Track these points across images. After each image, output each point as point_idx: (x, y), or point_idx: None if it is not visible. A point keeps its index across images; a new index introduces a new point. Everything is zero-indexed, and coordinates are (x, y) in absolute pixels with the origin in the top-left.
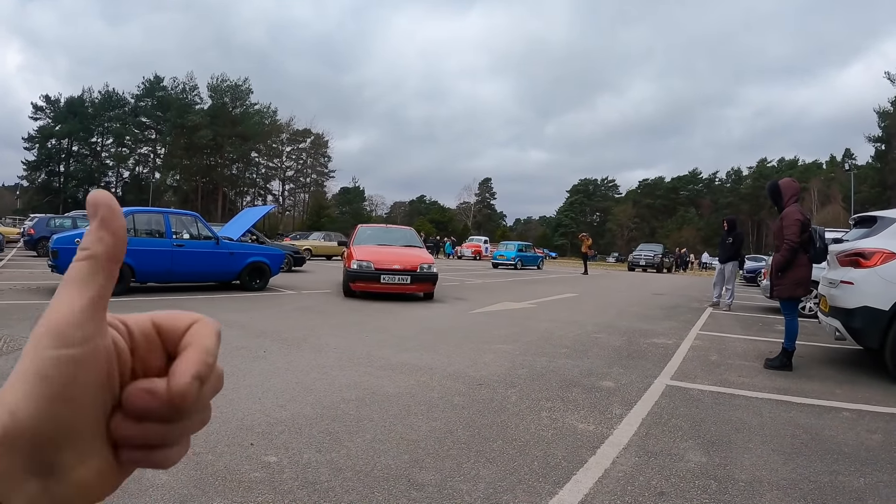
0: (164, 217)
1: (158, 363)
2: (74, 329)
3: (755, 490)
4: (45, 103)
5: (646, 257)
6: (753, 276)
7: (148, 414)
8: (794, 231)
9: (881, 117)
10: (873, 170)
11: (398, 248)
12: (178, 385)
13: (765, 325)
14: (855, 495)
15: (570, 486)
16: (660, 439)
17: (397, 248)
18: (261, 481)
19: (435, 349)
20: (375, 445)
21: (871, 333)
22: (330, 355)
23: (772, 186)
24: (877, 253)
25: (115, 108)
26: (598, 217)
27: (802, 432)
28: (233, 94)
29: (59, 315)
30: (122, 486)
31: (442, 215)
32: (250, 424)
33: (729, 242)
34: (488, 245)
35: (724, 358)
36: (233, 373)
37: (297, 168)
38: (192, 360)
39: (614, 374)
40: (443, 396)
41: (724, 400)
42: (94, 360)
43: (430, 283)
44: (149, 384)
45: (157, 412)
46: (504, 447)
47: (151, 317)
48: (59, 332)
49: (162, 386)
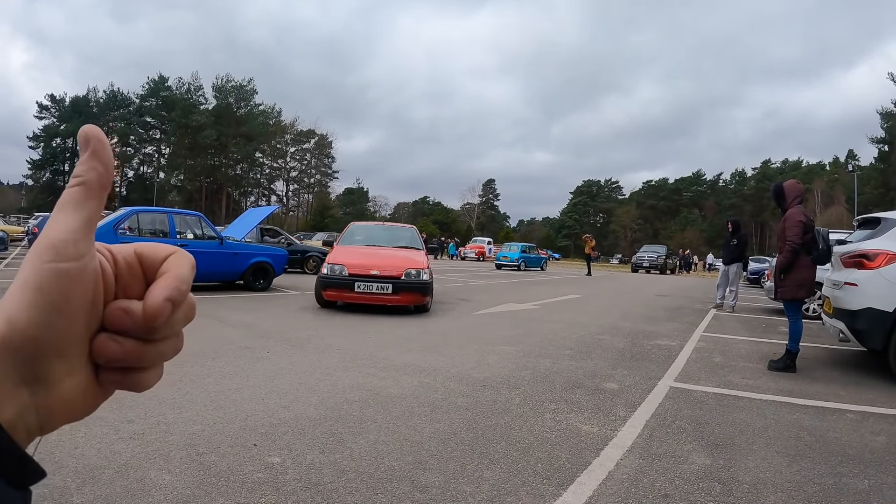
0: (168, 217)
1: (138, 288)
2: (70, 245)
3: (759, 492)
4: (51, 102)
5: (649, 259)
6: (756, 277)
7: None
8: (797, 232)
9: (884, 118)
10: (876, 171)
11: (388, 250)
12: (152, 305)
13: (768, 327)
14: (859, 497)
15: (573, 489)
16: (664, 441)
17: (387, 250)
18: (264, 482)
19: (438, 350)
20: (379, 447)
21: (875, 335)
22: (333, 356)
23: (776, 188)
24: (881, 254)
25: (119, 108)
26: (601, 218)
27: (806, 434)
28: (237, 94)
29: (57, 232)
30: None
31: (445, 216)
32: (253, 425)
33: (733, 244)
34: (492, 246)
35: (728, 360)
36: (236, 373)
37: (301, 168)
38: (166, 285)
39: (618, 376)
40: (446, 398)
41: (728, 402)
42: (85, 277)
43: (419, 294)
44: (126, 304)
45: (132, 329)
46: (508, 449)
47: (134, 247)
48: (56, 247)
49: (138, 306)
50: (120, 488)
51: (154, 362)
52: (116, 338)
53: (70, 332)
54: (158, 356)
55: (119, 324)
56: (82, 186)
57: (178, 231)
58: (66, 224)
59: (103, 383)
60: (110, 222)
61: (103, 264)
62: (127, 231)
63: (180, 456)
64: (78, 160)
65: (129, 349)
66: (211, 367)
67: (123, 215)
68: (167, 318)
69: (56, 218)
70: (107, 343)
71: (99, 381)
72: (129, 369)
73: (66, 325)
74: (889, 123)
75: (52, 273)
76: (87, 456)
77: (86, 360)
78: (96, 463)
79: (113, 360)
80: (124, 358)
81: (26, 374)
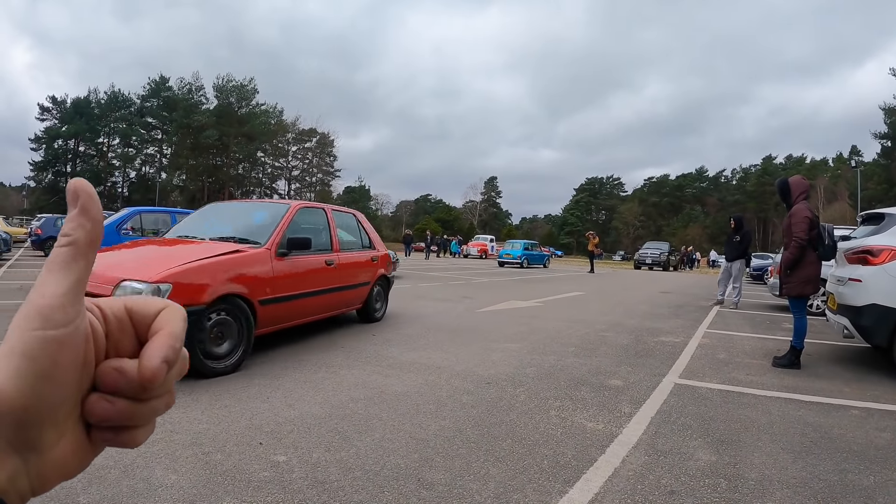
0: (171, 217)
1: (130, 345)
2: (58, 312)
3: (765, 489)
4: (52, 104)
5: (652, 255)
6: (760, 273)
7: (118, 391)
8: (803, 228)
9: (887, 114)
10: (879, 167)
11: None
12: (149, 367)
13: (772, 324)
14: (864, 494)
15: (580, 485)
16: (669, 438)
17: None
18: (270, 481)
19: (442, 348)
20: (384, 444)
21: (880, 331)
22: (338, 354)
23: (781, 183)
24: (885, 250)
25: (121, 109)
26: (604, 215)
27: (811, 431)
28: (238, 93)
29: (45, 298)
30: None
31: (448, 214)
32: (259, 424)
33: (736, 241)
34: (494, 244)
35: (733, 356)
36: (241, 373)
37: (303, 167)
38: (161, 345)
39: (622, 373)
40: (451, 395)
41: (733, 398)
42: (75, 342)
43: None
44: (119, 363)
45: (126, 390)
46: (513, 446)
47: (124, 301)
48: (44, 314)
49: (132, 366)
50: (126, 488)
51: (146, 420)
52: (109, 398)
53: (60, 397)
54: (151, 413)
55: (113, 385)
56: (71, 247)
57: None
58: (55, 288)
59: (95, 441)
60: (113, 223)
61: (93, 323)
62: (130, 231)
63: (186, 455)
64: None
65: (121, 409)
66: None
67: (126, 215)
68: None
69: (44, 281)
70: (99, 403)
71: (90, 439)
72: (121, 427)
73: (56, 391)
74: (892, 119)
75: (40, 341)
76: None
77: (77, 420)
78: (102, 463)
79: (105, 420)
80: (117, 418)
81: (16, 441)
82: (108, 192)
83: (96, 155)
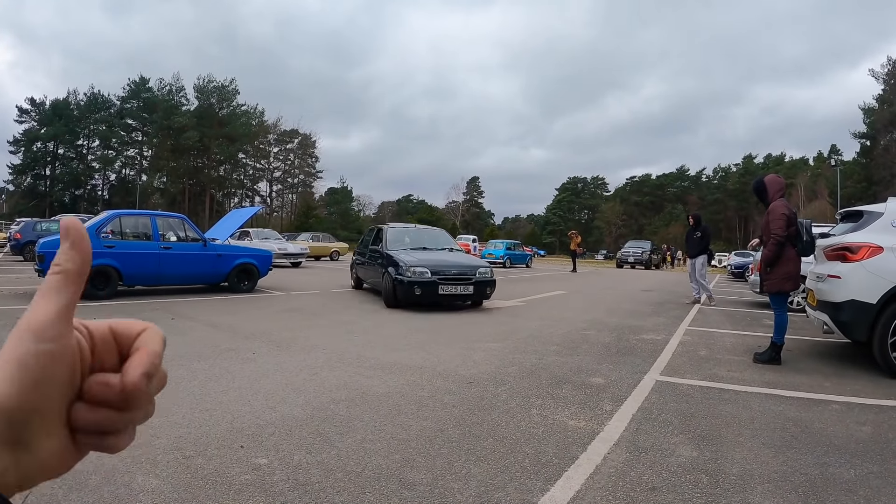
0: (151, 220)
1: (113, 362)
2: (50, 329)
3: (746, 484)
4: (31, 106)
5: (634, 254)
6: (741, 271)
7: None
8: (780, 225)
9: (866, 113)
10: (859, 165)
11: None
12: (131, 380)
13: (753, 320)
14: (846, 487)
15: (561, 483)
16: (650, 435)
17: None
18: (251, 484)
19: (424, 348)
20: (366, 445)
21: (859, 326)
22: (319, 356)
23: (757, 183)
24: (863, 247)
25: (100, 111)
26: (586, 214)
27: (792, 425)
28: (220, 94)
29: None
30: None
31: (430, 214)
32: (240, 427)
33: (697, 237)
34: (477, 244)
35: (713, 353)
36: (222, 375)
37: (285, 169)
38: (142, 361)
39: (604, 371)
40: (433, 395)
41: (714, 394)
42: (64, 356)
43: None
44: (105, 377)
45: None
46: (495, 445)
47: (109, 323)
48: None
49: (116, 379)
50: (107, 494)
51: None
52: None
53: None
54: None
55: (98, 396)
56: (62, 275)
57: (161, 233)
58: (48, 309)
59: (79, 446)
60: (93, 226)
61: (80, 341)
62: (109, 234)
63: (167, 460)
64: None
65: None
66: (196, 370)
67: (106, 219)
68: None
69: (38, 303)
70: (84, 412)
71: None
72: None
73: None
74: (871, 118)
75: (33, 353)
76: None
77: (63, 426)
78: (83, 469)
79: (90, 427)
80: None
81: (9, 437)
82: (88, 195)
83: (76, 157)
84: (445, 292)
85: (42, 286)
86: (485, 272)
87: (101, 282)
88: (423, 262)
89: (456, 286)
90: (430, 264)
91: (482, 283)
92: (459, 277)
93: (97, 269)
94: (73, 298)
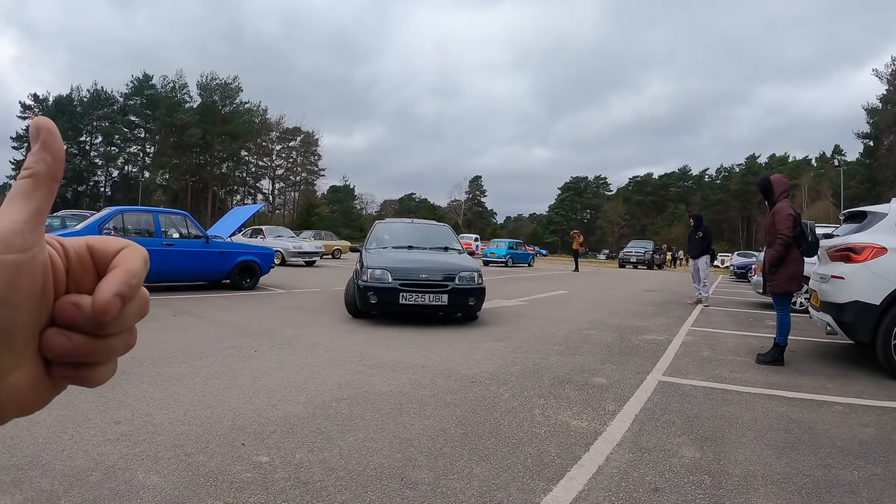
0: (154, 216)
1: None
2: (17, 237)
3: (749, 485)
4: (34, 102)
5: (636, 254)
6: (743, 272)
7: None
8: (788, 225)
9: (870, 114)
10: (862, 166)
11: None
12: (101, 300)
13: (756, 321)
14: (849, 489)
15: (564, 483)
16: (653, 435)
17: None
18: (253, 481)
19: (426, 347)
20: (368, 444)
21: (862, 328)
22: (321, 354)
23: (763, 181)
24: (867, 248)
25: (103, 107)
26: (588, 214)
27: (795, 427)
28: (222, 91)
29: (3, 224)
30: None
31: (432, 213)
32: (242, 424)
33: (699, 237)
34: (479, 243)
35: (716, 353)
36: (224, 372)
37: (287, 166)
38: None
39: (607, 371)
40: (435, 395)
41: (717, 395)
42: (32, 268)
43: None
44: (76, 298)
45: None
46: (497, 445)
47: (86, 240)
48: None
49: (88, 300)
50: (108, 490)
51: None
52: (66, 332)
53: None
54: (109, 352)
55: (69, 318)
56: (32, 178)
57: (163, 230)
58: (14, 216)
59: (54, 378)
60: (95, 222)
61: (53, 257)
62: (112, 231)
63: (168, 457)
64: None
65: (78, 344)
66: (198, 367)
67: (108, 215)
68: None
69: (5, 209)
70: (56, 337)
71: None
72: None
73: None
74: (874, 119)
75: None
76: (75, 458)
77: (35, 353)
78: (84, 465)
79: (62, 355)
80: (74, 353)
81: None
82: (91, 192)
83: (79, 154)
84: (408, 301)
85: (11, 191)
86: (468, 276)
87: None
88: (386, 263)
89: (423, 295)
90: (394, 265)
91: (461, 291)
92: (429, 284)
93: None
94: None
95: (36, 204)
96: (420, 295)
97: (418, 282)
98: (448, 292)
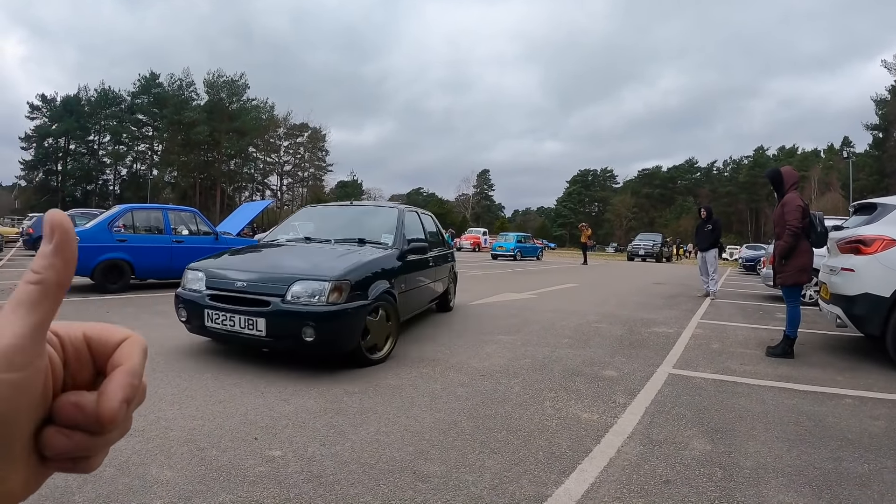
0: (163, 213)
1: (87, 375)
2: (19, 353)
3: (760, 477)
4: (42, 102)
5: (645, 247)
6: (753, 264)
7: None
8: (797, 216)
9: (878, 105)
10: (871, 157)
11: None
12: (109, 408)
13: (765, 314)
14: (859, 481)
15: (575, 476)
16: (664, 427)
17: None
18: (266, 475)
19: (436, 340)
20: (380, 438)
21: (873, 320)
22: None
23: (773, 173)
24: (877, 240)
25: (111, 106)
26: (597, 207)
27: (806, 419)
28: (229, 89)
29: (6, 340)
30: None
31: (440, 207)
32: (254, 419)
33: (708, 230)
34: (487, 237)
35: (726, 346)
36: (234, 367)
37: (295, 162)
38: (121, 384)
39: (616, 364)
40: (445, 388)
41: (727, 388)
42: (33, 383)
43: None
44: (78, 398)
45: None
46: (508, 437)
47: (83, 329)
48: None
49: (90, 401)
50: (122, 486)
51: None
52: (65, 431)
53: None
54: (107, 444)
55: (70, 419)
56: (39, 286)
57: (173, 227)
58: (16, 330)
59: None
60: (105, 220)
61: (51, 354)
62: (122, 229)
63: (181, 452)
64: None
65: (78, 442)
66: (209, 363)
67: (118, 213)
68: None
69: (7, 319)
70: (56, 437)
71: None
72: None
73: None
74: (883, 110)
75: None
76: None
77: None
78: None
79: (62, 454)
80: (73, 451)
81: None
82: (100, 190)
83: (87, 153)
84: (215, 325)
85: (15, 296)
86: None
87: (113, 275)
88: (210, 264)
89: (234, 315)
90: (216, 266)
91: (289, 316)
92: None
93: (110, 263)
94: (48, 316)
95: (40, 316)
96: (230, 315)
97: (232, 293)
98: (265, 315)
